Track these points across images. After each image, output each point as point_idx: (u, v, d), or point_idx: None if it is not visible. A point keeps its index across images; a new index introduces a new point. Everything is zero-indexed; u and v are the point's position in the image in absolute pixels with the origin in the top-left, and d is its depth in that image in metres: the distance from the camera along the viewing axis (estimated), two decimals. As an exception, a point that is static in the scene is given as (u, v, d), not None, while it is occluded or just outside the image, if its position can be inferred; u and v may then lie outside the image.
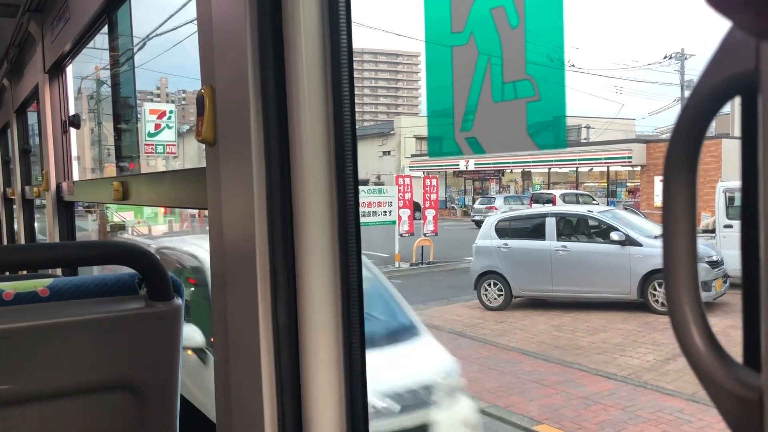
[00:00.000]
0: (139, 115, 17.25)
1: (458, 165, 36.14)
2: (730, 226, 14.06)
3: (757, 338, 0.47)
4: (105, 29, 3.02)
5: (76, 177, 3.52)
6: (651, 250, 11.84)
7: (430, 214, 18.81)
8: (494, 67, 0.93)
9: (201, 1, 1.34)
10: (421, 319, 12.14)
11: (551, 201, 27.62)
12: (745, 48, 0.44)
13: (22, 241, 5.27)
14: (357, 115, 1.17)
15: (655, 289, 11.75)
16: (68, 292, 1.35)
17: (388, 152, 44.64)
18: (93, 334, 1.33)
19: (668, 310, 0.51)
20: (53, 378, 1.32)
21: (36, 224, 5.41)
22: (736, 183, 0.63)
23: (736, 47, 0.45)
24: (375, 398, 4.52)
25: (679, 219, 0.50)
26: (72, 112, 3.52)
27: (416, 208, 19.74)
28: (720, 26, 0.46)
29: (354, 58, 1.18)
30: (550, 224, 13.51)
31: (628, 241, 12.31)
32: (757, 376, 0.46)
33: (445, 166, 36.74)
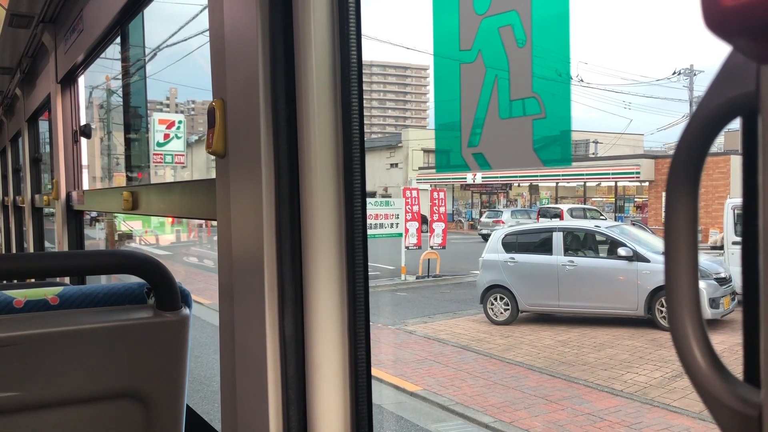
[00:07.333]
0: (148, 125, 17.36)
1: (465, 178, 36.15)
2: (739, 243, 13.92)
3: (756, 355, 0.47)
4: (117, 40, 3.05)
5: (85, 186, 3.55)
6: (659, 266, 11.74)
7: (438, 227, 18.75)
8: (501, 82, 0.94)
9: (213, 15, 1.36)
10: (426, 331, 12.10)
11: (558, 215, 27.56)
12: (746, 71, 0.45)
13: (32, 249, 5.30)
14: (365, 127, 1.19)
15: (662, 306, 11.66)
16: (78, 300, 1.36)
17: (396, 164, 44.67)
18: (101, 343, 1.34)
19: (669, 325, 0.52)
20: (61, 386, 1.33)
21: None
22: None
23: (737, 70, 0.46)
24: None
25: (681, 237, 0.51)
26: (83, 122, 3.55)
27: (423, 221, 19.69)
28: (726, 46, 0.47)
29: (363, 70, 1.19)
30: (558, 239, 13.46)
31: (636, 257, 12.25)
32: (756, 392, 0.47)
33: (453, 179, 36.73)
